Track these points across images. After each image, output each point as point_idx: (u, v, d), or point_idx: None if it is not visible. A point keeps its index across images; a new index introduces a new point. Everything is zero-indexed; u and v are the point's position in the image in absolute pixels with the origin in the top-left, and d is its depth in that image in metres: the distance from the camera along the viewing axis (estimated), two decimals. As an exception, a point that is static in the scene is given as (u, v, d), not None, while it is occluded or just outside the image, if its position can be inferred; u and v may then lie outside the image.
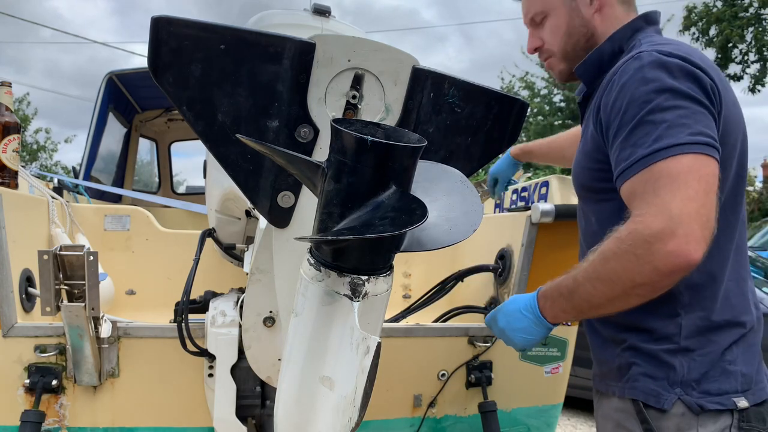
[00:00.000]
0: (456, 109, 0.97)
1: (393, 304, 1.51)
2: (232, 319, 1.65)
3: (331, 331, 0.78)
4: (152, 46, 0.82)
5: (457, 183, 0.87)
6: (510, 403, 2.07)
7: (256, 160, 0.94)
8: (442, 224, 0.79)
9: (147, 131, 4.90)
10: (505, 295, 2.09)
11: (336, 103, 0.94)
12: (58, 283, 1.49)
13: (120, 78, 4.08)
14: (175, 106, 0.88)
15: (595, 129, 1.30)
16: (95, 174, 4.03)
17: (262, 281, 1.32)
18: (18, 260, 1.73)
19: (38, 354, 1.67)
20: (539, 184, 2.36)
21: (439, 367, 1.97)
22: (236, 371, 1.66)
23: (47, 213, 2.20)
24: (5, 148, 2.03)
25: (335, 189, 0.73)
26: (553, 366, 2.11)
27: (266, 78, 0.88)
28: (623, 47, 1.37)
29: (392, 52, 0.94)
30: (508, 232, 2.15)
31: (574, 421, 5.08)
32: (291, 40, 0.88)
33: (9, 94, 2.12)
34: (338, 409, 0.78)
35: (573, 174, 1.46)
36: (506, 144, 1.08)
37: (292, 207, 1.01)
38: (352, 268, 0.76)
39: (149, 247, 2.59)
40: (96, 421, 1.75)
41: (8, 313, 1.65)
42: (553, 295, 1.30)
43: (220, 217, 1.90)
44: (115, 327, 1.72)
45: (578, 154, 1.42)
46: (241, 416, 1.68)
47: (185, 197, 5.03)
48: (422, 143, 0.73)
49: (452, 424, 2.03)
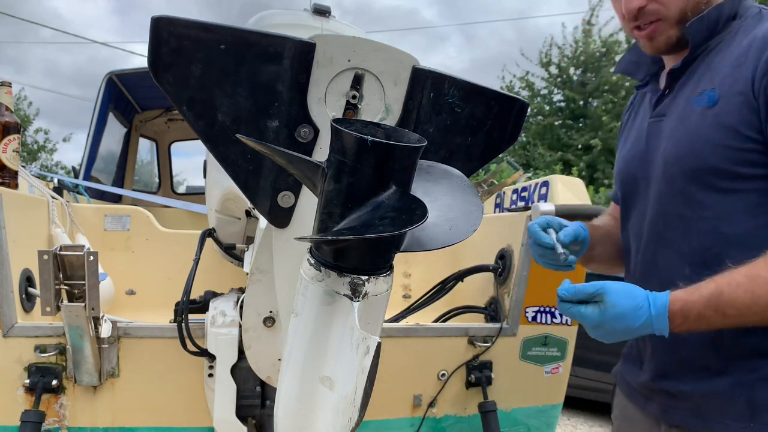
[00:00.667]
0: (456, 109, 0.97)
1: (393, 304, 1.51)
2: (232, 319, 1.65)
3: (331, 331, 0.78)
4: (152, 46, 0.82)
5: (457, 183, 0.87)
6: (510, 403, 2.07)
7: (256, 160, 0.94)
8: (442, 224, 0.79)
9: (147, 131, 4.89)
10: (505, 295, 2.09)
11: (336, 103, 0.94)
12: (58, 283, 1.49)
13: (120, 78, 4.08)
14: (175, 106, 0.88)
15: (754, 98, 1.05)
16: (95, 174, 4.03)
17: (262, 281, 1.32)
18: (18, 260, 1.73)
19: (38, 354, 1.67)
20: (539, 184, 2.36)
21: (439, 367, 1.97)
22: (236, 371, 1.66)
23: (47, 213, 2.20)
24: (5, 148, 2.03)
25: (335, 189, 0.73)
26: (553, 366, 2.11)
27: (266, 78, 0.88)
28: (737, 12, 1.20)
29: (392, 52, 0.94)
30: (508, 232, 2.15)
31: (574, 421, 5.08)
32: (291, 40, 0.88)
33: (9, 94, 2.12)
34: (338, 409, 0.78)
35: (683, 153, 1.16)
36: (506, 144, 1.07)
37: (292, 207, 1.01)
38: (352, 268, 0.76)
39: (149, 247, 2.59)
40: (96, 421, 1.75)
41: (8, 313, 1.65)
42: (692, 317, 1.03)
43: (220, 217, 1.90)
44: (115, 327, 1.72)
45: (700, 129, 1.13)
46: (241, 416, 1.68)
47: (185, 197, 5.03)
48: (422, 143, 0.73)
49: (452, 424, 2.03)
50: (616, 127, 14.12)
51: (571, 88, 15.58)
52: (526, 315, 2.05)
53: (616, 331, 1.06)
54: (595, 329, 1.08)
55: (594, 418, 5.19)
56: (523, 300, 2.03)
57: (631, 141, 1.37)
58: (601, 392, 4.96)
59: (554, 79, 16.13)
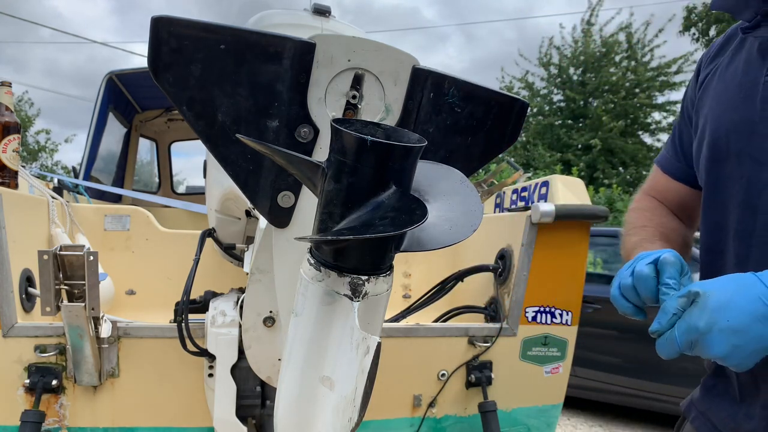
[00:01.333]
0: (456, 109, 0.97)
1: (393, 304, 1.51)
2: (232, 319, 1.65)
3: (331, 331, 0.78)
4: (152, 46, 0.82)
5: (457, 183, 0.87)
6: (510, 403, 2.07)
7: (256, 160, 0.94)
8: (442, 224, 0.79)
9: (147, 131, 4.90)
10: (505, 295, 2.09)
11: (336, 103, 0.94)
12: (58, 283, 1.49)
13: (120, 78, 4.08)
14: (175, 106, 0.88)
15: None
16: (95, 174, 4.03)
17: (262, 281, 1.32)
18: (18, 260, 1.73)
19: (38, 354, 1.67)
20: (539, 184, 2.36)
21: (439, 367, 1.97)
22: (236, 371, 1.66)
23: (47, 213, 2.20)
24: (5, 148, 2.03)
25: (335, 189, 0.73)
26: (553, 366, 2.11)
27: (266, 78, 0.88)
28: None
29: (392, 52, 0.94)
30: (508, 232, 2.15)
31: (574, 421, 5.08)
32: (291, 40, 0.88)
33: (9, 94, 2.12)
34: (338, 409, 0.78)
35: None
36: (506, 144, 1.08)
37: (292, 207, 1.01)
38: (352, 268, 0.76)
39: (149, 247, 2.59)
40: (96, 421, 1.75)
41: (8, 313, 1.65)
42: None
43: (220, 217, 1.90)
44: (115, 327, 1.72)
45: None
46: (241, 416, 1.68)
47: (185, 197, 5.03)
48: (422, 143, 0.73)
49: (452, 424, 2.03)
50: (616, 127, 14.15)
51: (571, 88, 15.59)
52: (526, 315, 2.05)
53: (740, 330, 0.74)
54: (712, 337, 0.75)
55: (594, 418, 5.19)
56: (523, 300, 2.03)
57: (729, 101, 0.99)
58: (601, 392, 4.96)
59: (554, 79, 16.14)
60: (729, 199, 0.97)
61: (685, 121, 1.15)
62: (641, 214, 1.18)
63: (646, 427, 4.96)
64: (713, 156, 1.00)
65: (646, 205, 1.21)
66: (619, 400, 4.92)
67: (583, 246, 2.07)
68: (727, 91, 1.00)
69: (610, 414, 5.24)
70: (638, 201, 1.24)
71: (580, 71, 15.74)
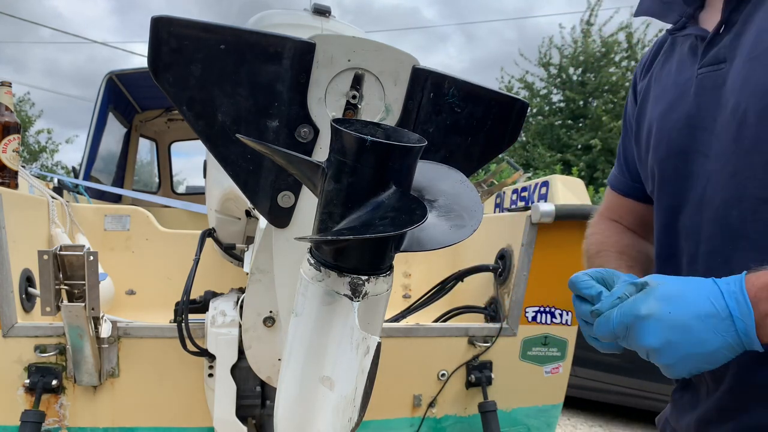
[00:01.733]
0: (456, 109, 0.97)
1: (393, 304, 1.51)
2: (232, 319, 1.65)
3: (331, 331, 0.78)
4: (152, 46, 0.82)
5: (457, 183, 0.87)
6: (510, 403, 2.07)
7: (256, 160, 0.94)
8: (442, 224, 0.79)
9: (147, 131, 4.90)
10: (505, 295, 2.09)
11: (336, 103, 0.94)
12: (58, 283, 1.49)
13: (120, 78, 4.08)
14: (175, 106, 0.88)
15: None
16: (95, 174, 4.04)
17: (262, 281, 1.32)
18: (18, 260, 1.73)
19: (38, 354, 1.67)
20: (539, 184, 2.36)
21: (439, 367, 1.98)
22: (236, 371, 1.66)
23: (47, 213, 2.20)
24: (5, 148, 2.03)
25: (335, 189, 0.72)
26: (553, 366, 2.11)
27: (266, 78, 0.88)
28: None
29: (392, 52, 0.94)
30: (508, 232, 2.15)
31: (574, 421, 5.08)
32: (291, 40, 0.88)
33: (9, 94, 2.12)
34: (338, 409, 0.78)
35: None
36: (506, 144, 1.08)
37: (292, 207, 1.01)
38: (352, 268, 0.76)
39: (149, 247, 2.59)
40: (96, 421, 1.75)
41: (8, 313, 1.65)
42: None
43: (220, 217, 1.90)
44: (115, 327, 1.72)
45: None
46: (241, 416, 1.68)
47: (185, 197, 5.03)
48: (422, 143, 0.73)
49: (452, 424, 2.03)
50: (616, 127, 14.14)
51: (570, 88, 15.59)
52: (526, 315, 2.05)
53: (678, 325, 0.70)
54: (648, 324, 0.72)
55: (594, 418, 5.19)
56: (523, 300, 2.03)
57: (667, 102, 0.98)
58: (601, 392, 4.96)
59: (553, 79, 16.15)
60: (676, 199, 0.95)
61: (628, 137, 1.15)
62: (596, 239, 1.18)
63: (646, 427, 4.96)
64: (659, 156, 0.98)
65: (600, 229, 1.21)
66: (619, 400, 4.92)
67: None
68: (665, 92, 1.00)
69: (610, 414, 5.24)
70: (593, 226, 1.23)
71: (579, 71, 15.74)
